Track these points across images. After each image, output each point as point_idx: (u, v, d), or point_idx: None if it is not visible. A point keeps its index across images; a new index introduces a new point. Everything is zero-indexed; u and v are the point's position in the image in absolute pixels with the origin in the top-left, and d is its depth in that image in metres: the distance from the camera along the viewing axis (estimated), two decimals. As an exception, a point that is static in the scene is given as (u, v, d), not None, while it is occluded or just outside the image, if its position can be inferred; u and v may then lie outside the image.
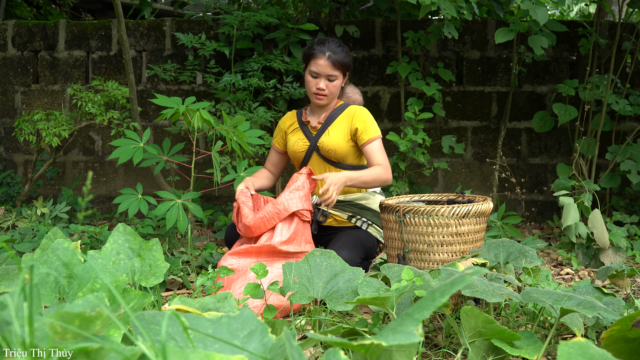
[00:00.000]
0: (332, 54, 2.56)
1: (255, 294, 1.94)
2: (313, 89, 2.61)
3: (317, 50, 2.58)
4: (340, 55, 2.59)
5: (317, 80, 2.60)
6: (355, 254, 2.44)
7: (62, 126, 3.54)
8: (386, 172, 2.57)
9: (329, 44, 2.59)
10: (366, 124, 2.60)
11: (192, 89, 4.27)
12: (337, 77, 2.60)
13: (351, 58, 2.68)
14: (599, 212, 3.09)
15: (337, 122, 2.64)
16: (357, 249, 2.47)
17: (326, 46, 2.58)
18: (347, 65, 2.62)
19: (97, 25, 4.31)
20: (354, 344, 1.10)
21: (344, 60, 2.60)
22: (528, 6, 3.15)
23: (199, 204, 3.49)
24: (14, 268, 1.91)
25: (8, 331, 0.91)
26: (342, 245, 2.46)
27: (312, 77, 2.60)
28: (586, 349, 1.00)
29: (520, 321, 2.02)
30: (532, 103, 4.21)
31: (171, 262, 2.63)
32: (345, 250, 2.42)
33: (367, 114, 2.65)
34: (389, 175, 2.58)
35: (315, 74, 2.58)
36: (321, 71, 2.57)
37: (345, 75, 2.65)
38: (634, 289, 2.59)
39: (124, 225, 2.13)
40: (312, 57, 2.59)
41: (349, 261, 2.38)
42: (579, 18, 7.93)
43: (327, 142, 2.61)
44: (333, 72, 2.58)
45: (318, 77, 2.59)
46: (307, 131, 2.71)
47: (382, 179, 2.56)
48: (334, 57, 2.57)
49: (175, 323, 1.09)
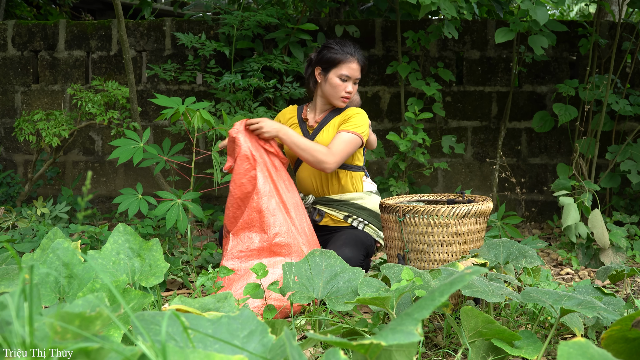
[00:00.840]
0: (360, 58, 2.62)
1: (255, 294, 1.94)
2: (342, 92, 2.60)
3: (348, 54, 2.59)
4: (363, 58, 2.65)
5: (346, 84, 2.60)
6: (358, 252, 2.44)
7: (62, 126, 3.54)
8: (326, 155, 2.47)
9: (353, 47, 2.62)
10: (351, 119, 2.60)
11: (192, 89, 4.27)
12: (359, 79, 2.65)
13: None
14: (599, 212, 3.09)
15: (333, 122, 2.64)
16: (359, 247, 2.47)
17: (353, 49, 2.61)
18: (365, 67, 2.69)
19: (97, 25, 4.31)
20: (354, 344, 1.11)
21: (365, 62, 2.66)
22: (528, 6, 3.15)
23: (199, 204, 3.49)
24: (14, 268, 1.91)
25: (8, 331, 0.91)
26: (345, 243, 2.46)
27: (341, 80, 2.59)
28: (586, 349, 1.00)
29: (520, 321, 2.02)
30: (532, 103, 4.21)
31: (171, 262, 2.64)
32: (348, 248, 2.42)
33: (360, 114, 2.63)
34: (328, 161, 2.47)
35: (346, 77, 2.59)
36: (352, 74, 2.59)
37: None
38: (634, 289, 2.59)
39: (124, 225, 2.13)
40: (343, 61, 2.59)
41: (353, 258, 2.38)
42: (579, 18, 7.93)
43: (320, 141, 2.61)
44: (360, 76, 2.63)
45: (348, 80, 2.60)
46: (304, 129, 2.71)
47: (317, 157, 2.47)
48: (363, 61, 2.63)
49: (175, 323, 1.09)
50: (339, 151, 2.50)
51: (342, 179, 2.65)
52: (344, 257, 2.33)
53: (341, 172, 2.65)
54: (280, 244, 2.29)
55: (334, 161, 2.49)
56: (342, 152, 2.51)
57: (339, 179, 2.65)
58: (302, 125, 2.72)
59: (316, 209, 2.67)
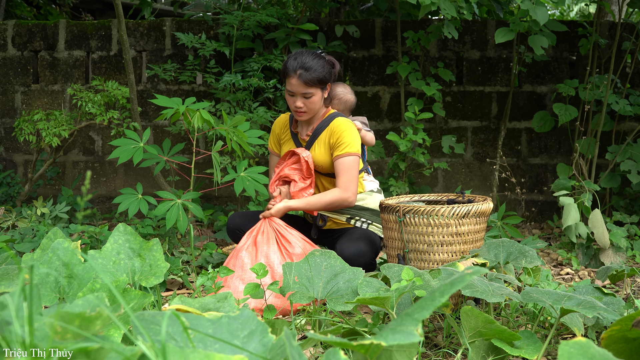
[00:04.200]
0: (303, 72, 2.43)
1: (255, 294, 1.94)
2: (292, 106, 2.53)
3: (290, 68, 2.46)
4: (313, 72, 2.44)
5: (294, 99, 2.49)
6: (372, 248, 2.43)
7: (62, 126, 3.54)
8: (341, 194, 2.49)
9: (302, 58, 2.46)
10: (340, 139, 2.51)
11: (192, 89, 4.27)
12: (312, 93, 2.47)
13: (330, 68, 2.53)
14: (599, 212, 3.09)
15: (322, 136, 2.58)
16: (372, 244, 2.46)
17: (298, 62, 2.45)
18: (321, 80, 2.47)
19: (97, 25, 4.31)
20: (354, 344, 1.11)
21: (318, 76, 2.45)
22: (528, 6, 3.15)
23: (199, 204, 3.49)
24: (14, 268, 1.91)
25: (8, 331, 0.91)
26: (360, 237, 2.45)
27: (289, 95, 2.50)
28: (587, 348, 1.00)
29: (520, 321, 2.02)
30: (532, 103, 4.21)
31: (171, 262, 2.63)
32: (363, 242, 2.41)
33: (344, 127, 2.53)
34: (346, 197, 2.49)
35: (290, 92, 2.49)
36: (295, 90, 2.46)
37: (324, 89, 2.53)
38: (634, 289, 2.59)
39: (124, 225, 2.13)
40: (285, 75, 2.50)
41: (367, 253, 2.37)
42: (579, 18, 7.93)
43: (313, 157, 2.58)
44: (308, 90, 2.46)
45: (294, 95, 2.48)
46: (297, 142, 2.66)
47: (336, 203, 2.50)
48: (306, 76, 2.43)
49: (175, 323, 1.09)
50: (347, 181, 2.50)
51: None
52: (358, 250, 2.34)
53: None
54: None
55: (351, 193, 2.50)
56: (351, 181, 2.50)
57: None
58: (295, 139, 2.67)
59: (319, 214, 2.66)
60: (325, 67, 2.50)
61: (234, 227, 2.62)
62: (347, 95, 2.79)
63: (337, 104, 2.77)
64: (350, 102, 2.80)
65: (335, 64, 2.57)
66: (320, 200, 2.50)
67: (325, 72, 2.49)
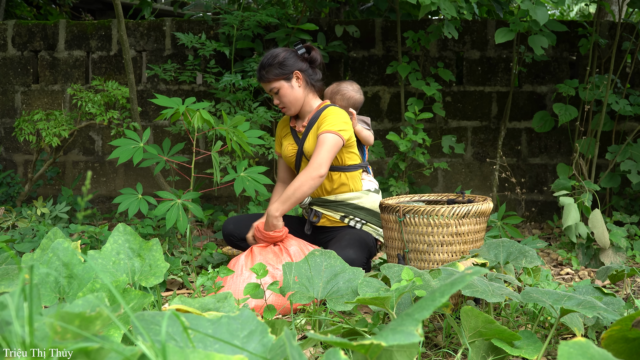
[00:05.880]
0: (264, 73, 2.60)
1: (255, 294, 1.94)
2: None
3: (257, 74, 2.65)
4: (268, 67, 2.58)
5: (274, 98, 2.68)
6: (361, 253, 2.43)
7: (62, 126, 3.54)
8: (310, 172, 2.46)
9: (262, 60, 2.63)
10: (326, 119, 2.56)
11: (192, 89, 4.27)
12: (277, 87, 2.60)
13: (292, 55, 2.61)
14: (599, 212, 3.09)
15: (314, 128, 2.62)
16: (362, 248, 2.46)
17: (259, 66, 2.63)
18: (279, 73, 2.58)
19: (97, 25, 4.31)
20: (354, 344, 1.10)
21: (273, 70, 2.58)
22: (528, 6, 3.15)
23: (199, 204, 3.49)
24: (14, 268, 1.91)
25: (8, 331, 0.91)
26: (348, 244, 2.44)
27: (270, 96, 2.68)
28: (587, 348, 1.00)
29: (520, 321, 2.02)
30: (532, 103, 4.21)
31: (171, 262, 2.63)
32: (352, 249, 2.40)
33: (331, 112, 2.58)
34: (314, 175, 2.46)
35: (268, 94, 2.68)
36: (267, 90, 2.65)
37: (288, 78, 2.61)
38: (634, 289, 2.59)
39: (124, 225, 2.13)
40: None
41: (357, 260, 2.36)
42: (579, 18, 7.93)
43: (308, 147, 2.61)
44: (271, 87, 2.61)
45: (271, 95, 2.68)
46: (295, 135, 2.73)
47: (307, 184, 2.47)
48: (265, 76, 2.60)
49: (175, 323, 1.09)
50: (317, 157, 2.48)
51: (335, 180, 2.64)
52: (347, 258, 2.31)
53: (334, 174, 2.64)
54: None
55: (320, 170, 2.47)
56: (322, 157, 2.48)
57: (332, 181, 2.64)
58: (293, 133, 2.75)
59: (313, 210, 2.67)
60: (286, 57, 2.60)
61: (228, 234, 2.73)
62: (350, 92, 2.79)
63: (340, 99, 2.77)
64: (352, 99, 2.79)
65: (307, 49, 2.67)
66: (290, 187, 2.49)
67: (281, 62, 2.59)
